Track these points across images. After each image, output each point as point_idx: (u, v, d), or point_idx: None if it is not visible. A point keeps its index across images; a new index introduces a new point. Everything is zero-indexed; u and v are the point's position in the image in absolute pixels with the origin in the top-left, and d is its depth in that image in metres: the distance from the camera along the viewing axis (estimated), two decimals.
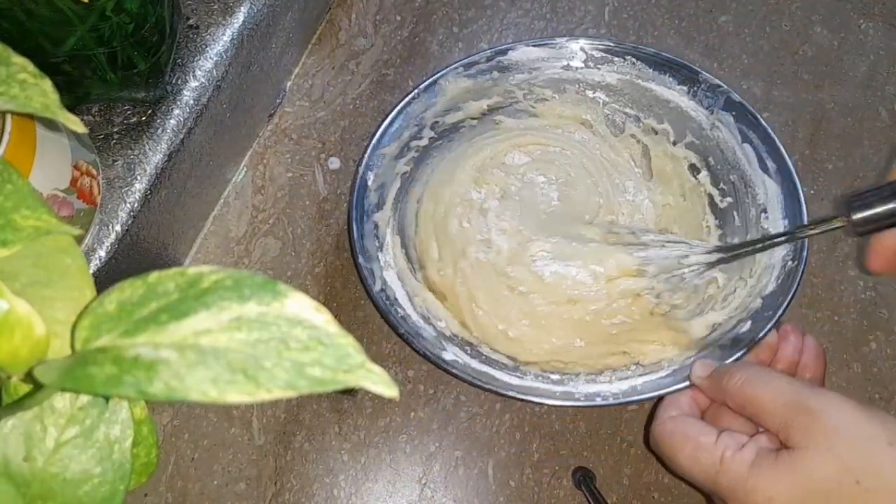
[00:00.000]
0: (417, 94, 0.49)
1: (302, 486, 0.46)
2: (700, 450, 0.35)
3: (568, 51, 0.51)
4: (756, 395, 0.36)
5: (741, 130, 0.50)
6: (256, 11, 0.47)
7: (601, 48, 0.51)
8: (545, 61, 0.51)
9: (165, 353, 0.17)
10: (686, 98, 0.51)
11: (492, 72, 0.51)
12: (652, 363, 0.45)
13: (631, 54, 0.51)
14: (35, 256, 0.21)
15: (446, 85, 0.50)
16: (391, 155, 0.49)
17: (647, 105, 0.52)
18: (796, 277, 0.45)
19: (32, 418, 0.21)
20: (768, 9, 0.62)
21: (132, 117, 0.42)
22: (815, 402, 0.33)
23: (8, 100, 0.21)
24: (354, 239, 0.45)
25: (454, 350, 0.44)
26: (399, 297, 0.46)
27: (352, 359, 0.17)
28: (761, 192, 0.49)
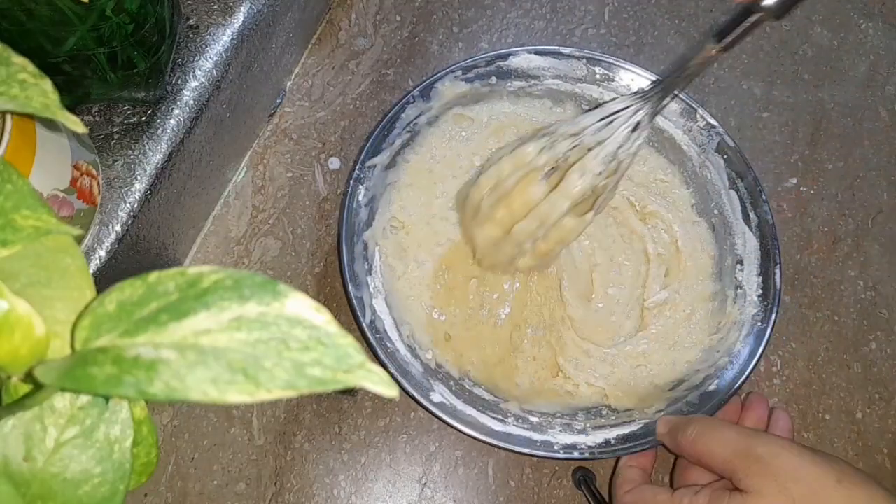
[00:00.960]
0: (412, 98, 0.48)
1: (302, 486, 0.46)
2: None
3: (570, 63, 0.50)
4: (706, 448, 0.38)
5: (729, 176, 0.50)
6: (256, 11, 0.47)
7: (603, 64, 0.51)
8: (546, 71, 0.51)
9: (165, 353, 0.17)
10: (681, 132, 0.51)
11: (490, 77, 0.50)
12: (624, 410, 0.46)
13: (633, 76, 0.50)
14: (35, 256, 0.21)
15: (443, 89, 0.49)
16: (382, 164, 0.48)
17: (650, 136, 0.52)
18: (762, 339, 0.46)
19: (32, 418, 0.21)
20: None
21: (132, 117, 0.42)
22: (762, 449, 0.35)
23: (8, 100, 0.21)
24: (344, 264, 0.45)
25: (440, 389, 0.44)
26: (388, 328, 0.45)
27: (352, 359, 0.17)
28: (740, 243, 0.49)
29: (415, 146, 0.50)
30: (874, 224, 0.56)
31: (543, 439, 0.43)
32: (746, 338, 0.46)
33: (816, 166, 0.57)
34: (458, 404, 0.44)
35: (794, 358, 0.52)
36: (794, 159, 0.57)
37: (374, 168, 0.47)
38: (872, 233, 0.55)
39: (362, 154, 0.47)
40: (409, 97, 0.48)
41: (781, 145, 0.58)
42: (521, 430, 0.44)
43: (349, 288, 0.44)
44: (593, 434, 0.44)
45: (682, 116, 0.51)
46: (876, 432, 0.50)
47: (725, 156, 0.50)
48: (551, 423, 0.45)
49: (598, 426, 0.44)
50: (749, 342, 0.46)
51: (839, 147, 0.58)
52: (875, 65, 0.61)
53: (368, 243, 0.47)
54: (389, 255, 0.48)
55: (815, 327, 0.53)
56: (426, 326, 0.47)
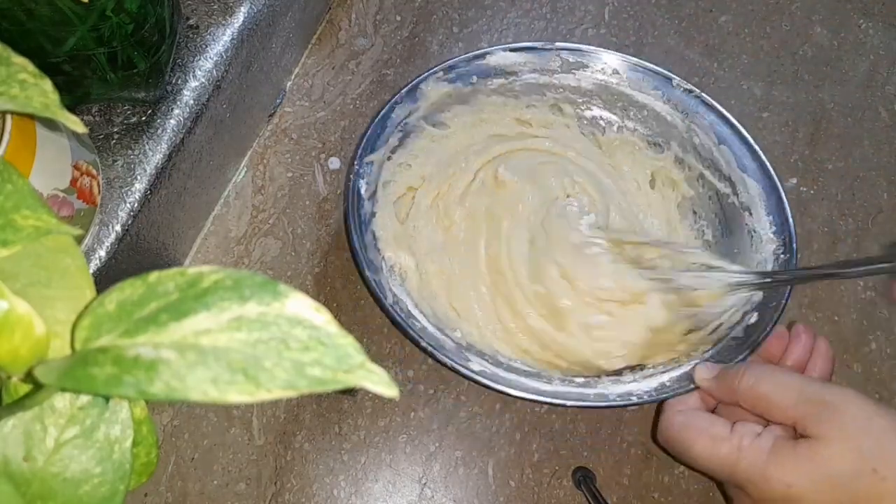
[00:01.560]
0: (400, 99, 0.48)
1: (302, 486, 0.46)
2: (716, 440, 0.36)
3: (545, 56, 0.51)
4: (769, 393, 0.36)
5: (717, 132, 0.50)
6: (256, 11, 0.47)
7: (575, 53, 0.51)
8: (522, 66, 0.51)
9: (165, 353, 0.17)
10: (661, 102, 0.52)
11: (471, 76, 0.50)
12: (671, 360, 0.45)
13: (605, 59, 0.51)
14: (35, 256, 0.21)
15: (427, 90, 0.49)
16: (379, 161, 0.48)
17: (622, 108, 0.53)
18: (791, 265, 0.46)
19: (32, 418, 0.21)
20: (768, 9, 0.63)
21: (132, 117, 0.42)
22: (829, 396, 0.35)
23: (8, 100, 0.21)
24: (357, 251, 0.44)
25: (477, 360, 0.44)
26: (410, 308, 0.45)
27: (352, 359, 0.17)
28: (743, 191, 0.50)
29: (407, 145, 0.50)
30: (874, 224, 0.56)
31: (596, 392, 0.42)
32: (776, 264, 0.47)
33: (816, 166, 0.57)
34: (499, 371, 0.43)
35: None
36: (794, 159, 0.57)
37: (372, 164, 0.48)
38: (872, 233, 0.55)
39: (359, 151, 0.47)
40: (398, 97, 0.48)
41: (781, 145, 0.58)
42: (570, 388, 0.43)
43: (366, 273, 0.44)
44: (645, 381, 0.43)
45: (658, 88, 0.51)
46: None
47: (708, 115, 0.51)
48: (599, 381, 0.44)
49: (647, 376, 0.44)
50: (780, 261, 0.47)
51: (839, 147, 0.58)
52: (875, 65, 0.61)
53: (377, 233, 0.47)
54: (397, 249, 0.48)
55: (815, 327, 0.53)
56: (448, 310, 0.47)
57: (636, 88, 0.52)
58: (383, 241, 0.47)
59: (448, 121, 0.52)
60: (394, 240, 0.48)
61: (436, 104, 0.50)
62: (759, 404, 0.37)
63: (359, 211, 0.46)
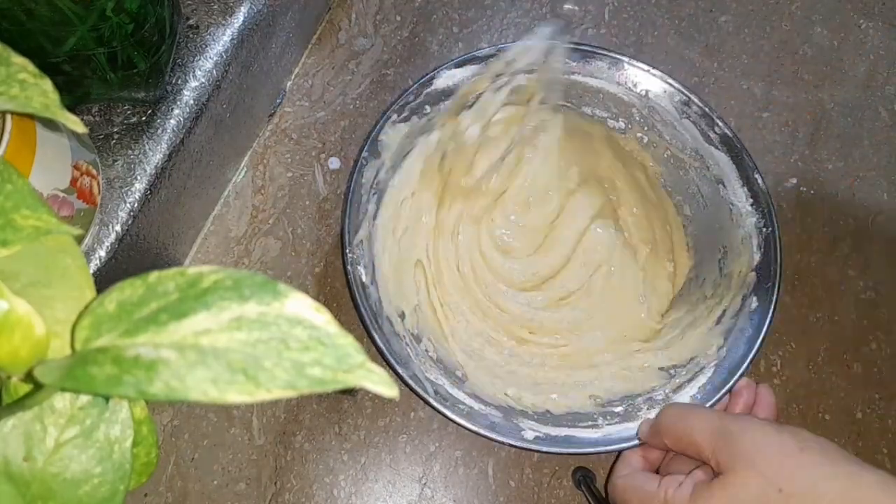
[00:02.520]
0: (364, 159, 0.46)
1: (302, 486, 0.46)
2: (647, 497, 0.39)
3: (488, 63, 0.50)
4: (685, 428, 0.39)
5: (676, 107, 0.50)
6: (256, 11, 0.47)
7: (520, 52, 0.50)
8: (470, 80, 0.49)
9: (165, 353, 0.17)
10: (614, 85, 0.51)
11: (423, 107, 0.49)
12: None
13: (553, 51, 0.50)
14: (35, 256, 0.21)
15: (387, 140, 0.48)
16: (366, 237, 0.47)
17: (578, 97, 0.52)
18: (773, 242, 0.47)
19: (32, 418, 0.21)
20: (768, 9, 0.62)
21: (132, 117, 0.42)
22: (734, 427, 0.37)
23: (8, 100, 0.21)
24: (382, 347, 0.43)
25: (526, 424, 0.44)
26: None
27: (352, 359, 0.17)
28: (713, 164, 0.50)
29: (383, 205, 0.48)
30: (874, 224, 0.56)
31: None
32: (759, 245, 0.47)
33: (816, 166, 0.57)
34: (551, 431, 0.44)
35: (794, 358, 0.52)
36: (793, 159, 0.57)
37: (362, 243, 0.46)
38: (872, 233, 0.55)
39: (344, 234, 0.45)
40: (361, 160, 0.46)
41: (781, 145, 0.58)
42: (616, 427, 0.44)
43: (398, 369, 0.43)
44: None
45: (609, 69, 0.51)
46: (876, 432, 0.50)
47: (664, 91, 0.50)
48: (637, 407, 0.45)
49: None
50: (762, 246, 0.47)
51: (839, 147, 0.58)
52: (875, 65, 0.61)
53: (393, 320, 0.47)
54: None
55: (815, 327, 0.53)
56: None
57: (588, 75, 0.51)
58: (399, 324, 0.46)
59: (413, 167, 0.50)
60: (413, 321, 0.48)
61: (398, 149, 0.49)
62: (682, 440, 0.39)
63: (368, 301, 0.44)
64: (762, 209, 0.47)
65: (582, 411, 0.46)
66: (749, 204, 0.48)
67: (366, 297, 0.44)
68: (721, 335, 0.46)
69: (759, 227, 0.47)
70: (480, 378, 0.46)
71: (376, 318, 0.44)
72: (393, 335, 0.44)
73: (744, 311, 0.46)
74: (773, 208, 0.47)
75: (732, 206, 0.49)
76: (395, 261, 0.48)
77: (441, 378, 0.44)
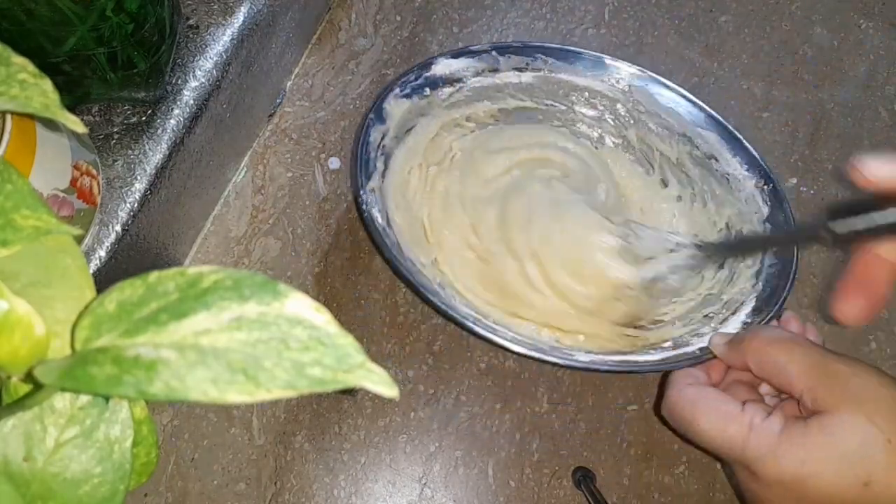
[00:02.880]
0: (371, 121, 0.48)
1: (302, 486, 0.46)
2: (726, 418, 0.35)
3: (482, 58, 0.52)
4: (780, 355, 0.36)
5: (658, 96, 0.52)
6: (256, 11, 0.47)
7: (510, 51, 0.52)
8: (466, 71, 0.51)
9: (165, 353, 0.17)
10: (598, 82, 0.53)
11: (423, 88, 0.50)
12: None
13: (539, 51, 0.52)
14: (35, 256, 0.21)
15: (390, 109, 0.49)
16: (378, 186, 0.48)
17: (564, 95, 0.54)
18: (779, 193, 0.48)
19: (32, 418, 0.21)
20: (768, 9, 0.62)
21: (132, 117, 0.42)
22: (839, 367, 0.34)
23: (8, 100, 0.21)
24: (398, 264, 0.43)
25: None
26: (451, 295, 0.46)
27: (352, 359, 0.17)
28: (702, 143, 0.51)
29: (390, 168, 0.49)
30: None
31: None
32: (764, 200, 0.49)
33: (816, 166, 0.57)
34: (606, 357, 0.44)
35: None
36: (794, 159, 0.57)
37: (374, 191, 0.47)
38: None
39: (357, 178, 0.45)
40: (368, 121, 0.47)
41: (781, 145, 0.58)
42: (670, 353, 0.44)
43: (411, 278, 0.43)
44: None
45: (593, 69, 0.53)
46: None
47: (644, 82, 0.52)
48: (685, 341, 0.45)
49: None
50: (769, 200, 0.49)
51: (839, 147, 0.58)
52: (875, 65, 0.61)
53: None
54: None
55: (815, 327, 0.52)
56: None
57: (573, 74, 0.53)
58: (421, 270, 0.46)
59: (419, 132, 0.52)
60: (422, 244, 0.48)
61: (401, 122, 0.50)
62: (766, 368, 0.36)
63: (388, 241, 0.44)
64: (758, 170, 0.49)
65: (627, 349, 0.45)
66: (744, 169, 0.50)
67: (385, 237, 0.44)
68: (752, 276, 0.47)
69: (760, 186, 0.49)
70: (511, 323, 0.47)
71: (400, 259, 0.43)
72: (419, 274, 0.44)
73: (767, 255, 0.47)
74: (767, 168, 0.49)
75: (729, 175, 0.50)
76: (407, 217, 0.49)
77: (475, 313, 0.44)
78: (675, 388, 0.39)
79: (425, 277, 0.44)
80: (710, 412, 0.36)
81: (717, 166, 0.51)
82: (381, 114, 0.49)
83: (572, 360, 0.42)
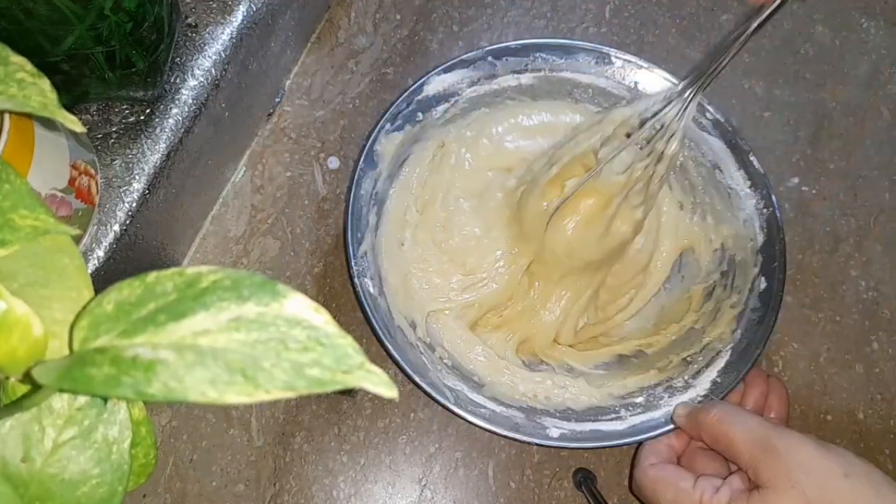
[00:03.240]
0: (361, 170, 0.46)
1: (301, 487, 0.46)
2: (680, 495, 0.38)
3: (477, 66, 0.50)
4: (728, 432, 0.38)
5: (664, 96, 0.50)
6: (255, 10, 0.47)
7: (505, 52, 0.50)
8: (460, 84, 0.49)
9: (164, 354, 0.17)
10: (603, 79, 0.51)
11: (416, 114, 0.49)
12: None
13: (539, 50, 0.50)
14: (33, 256, 0.21)
15: (382, 149, 0.47)
16: (370, 247, 0.47)
17: (568, 93, 0.52)
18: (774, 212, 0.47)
19: (30, 419, 0.21)
20: None
21: (130, 116, 0.42)
22: (779, 441, 0.36)
23: (6, 99, 0.21)
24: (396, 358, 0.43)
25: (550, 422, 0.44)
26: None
27: (351, 359, 0.17)
28: (707, 150, 0.50)
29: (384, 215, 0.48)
30: (876, 224, 0.56)
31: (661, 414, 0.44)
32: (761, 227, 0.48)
33: (818, 166, 0.57)
34: (576, 427, 0.44)
35: (796, 358, 0.52)
36: (795, 159, 0.57)
37: (366, 254, 0.46)
38: (874, 233, 0.55)
39: (348, 247, 0.45)
40: (359, 171, 0.46)
41: (783, 145, 0.57)
42: (640, 417, 0.44)
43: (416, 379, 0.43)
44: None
45: (597, 65, 0.51)
46: (878, 433, 0.50)
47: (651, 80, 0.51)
48: (657, 396, 0.45)
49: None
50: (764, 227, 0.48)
51: (841, 146, 0.58)
52: (877, 64, 0.61)
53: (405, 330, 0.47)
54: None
55: (816, 328, 0.52)
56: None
57: (577, 70, 0.51)
58: (411, 334, 0.46)
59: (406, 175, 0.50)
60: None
61: (394, 157, 0.48)
62: (720, 442, 0.39)
63: (378, 313, 0.44)
64: (761, 191, 0.48)
65: (603, 405, 0.45)
66: (747, 187, 0.48)
67: (375, 309, 0.44)
68: (734, 319, 0.46)
69: (760, 208, 0.48)
70: (498, 380, 0.46)
71: (388, 329, 0.43)
72: (407, 345, 0.44)
73: (753, 293, 0.46)
74: (770, 189, 0.48)
75: (731, 190, 0.49)
76: (401, 272, 0.48)
77: (459, 384, 0.44)
78: (639, 468, 0.42)
79: (413, 349, 0.44)
80: (668, 491, 0.39)
81: (720, 177, 0.49)
82: (373, 158, 0.47)
83: (544, 439, 0.43)
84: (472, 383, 0.45)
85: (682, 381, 0.45)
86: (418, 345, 0.45)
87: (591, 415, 0.45)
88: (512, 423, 0.43)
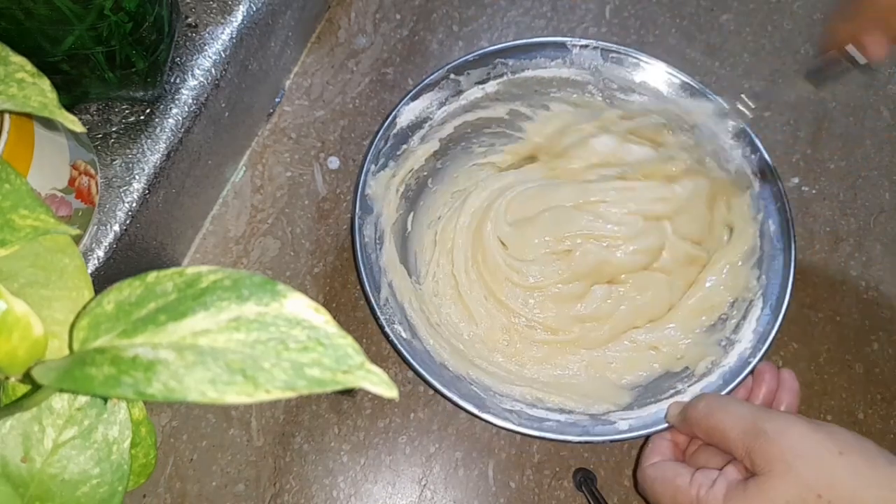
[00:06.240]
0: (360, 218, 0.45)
1: (301, 487, 0.46)
2: (678, 492, 0.38)
3: (442, 86, 0.49)
4: (717, 424, 0.38)
5: (629, 78, 0.51)
6: (255, 10, 0.47)
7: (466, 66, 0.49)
8: (429, 108, 0.49)
9: (164, 354, 0.17)
10: (565, 69, 0.51)
11: (397, 148, 0.48)
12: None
13: (497, 56, 0.50)
14: (33, 256, 0.21)
15: (373, 192, 0.47)
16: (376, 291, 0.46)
17: (539, 93, 0.52)
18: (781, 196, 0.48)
19: (31, 419, 0.21)
20: (770, 7, 0.62)
21: (130, 116, 0.42)
22: (769, 426, 0.36)
23: (6, 99, 0.21)
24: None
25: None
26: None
27: (351, 359, 0.17)
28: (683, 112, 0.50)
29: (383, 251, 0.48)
30: (876, 224, 0.56)
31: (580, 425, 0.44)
32: (753, 172, 0.49)
33: (818, 166, 0.57)
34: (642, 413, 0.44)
35: (796, 358, 0.52)
36: (795, 159, 0.57)
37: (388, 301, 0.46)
38: (874, 232, 0.55)
39: (369, 298, 0.44)
40: (357, 220, 0.46)
41: (783, 145, 0.57)
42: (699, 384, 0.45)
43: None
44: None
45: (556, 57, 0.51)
46: (878, 433, 0.50)
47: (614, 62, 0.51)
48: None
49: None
50: (757, 173, 0.49)
51: (841, 146, 0.58)
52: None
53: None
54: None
55: (816, 328, 0.52)
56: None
57: (537, 68, 0.51)
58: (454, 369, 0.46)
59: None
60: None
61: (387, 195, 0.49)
62: (713, 435, 0.39)
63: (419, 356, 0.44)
64: (745, 140, 0.49)
65: (652, 379, 0.47)
66: (730, 139, 0.49)
67: (414, 353, 0.43)
68: (755, 267, 0.48)
69: (747, 155, 0.49)
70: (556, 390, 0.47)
71: (431, 368, 0.43)
72: (455, 380, 0.44)
73: (766, 236, 0.48)
74: (754, 137, 0.49)
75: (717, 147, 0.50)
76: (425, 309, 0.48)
77: (517, 404, 0.44)
78: (639, 469, 0.42)
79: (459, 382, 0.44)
80: (666, 489, 0.39)
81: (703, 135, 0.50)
82: (367, 203, 0.46)
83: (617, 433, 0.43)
84: (527, 401, 0.45)
85: (725, 339, 0.47)
86: (465, 377, 0.45)
87: (649, 396, 0.46)
88: (581, 429, 0.43)
